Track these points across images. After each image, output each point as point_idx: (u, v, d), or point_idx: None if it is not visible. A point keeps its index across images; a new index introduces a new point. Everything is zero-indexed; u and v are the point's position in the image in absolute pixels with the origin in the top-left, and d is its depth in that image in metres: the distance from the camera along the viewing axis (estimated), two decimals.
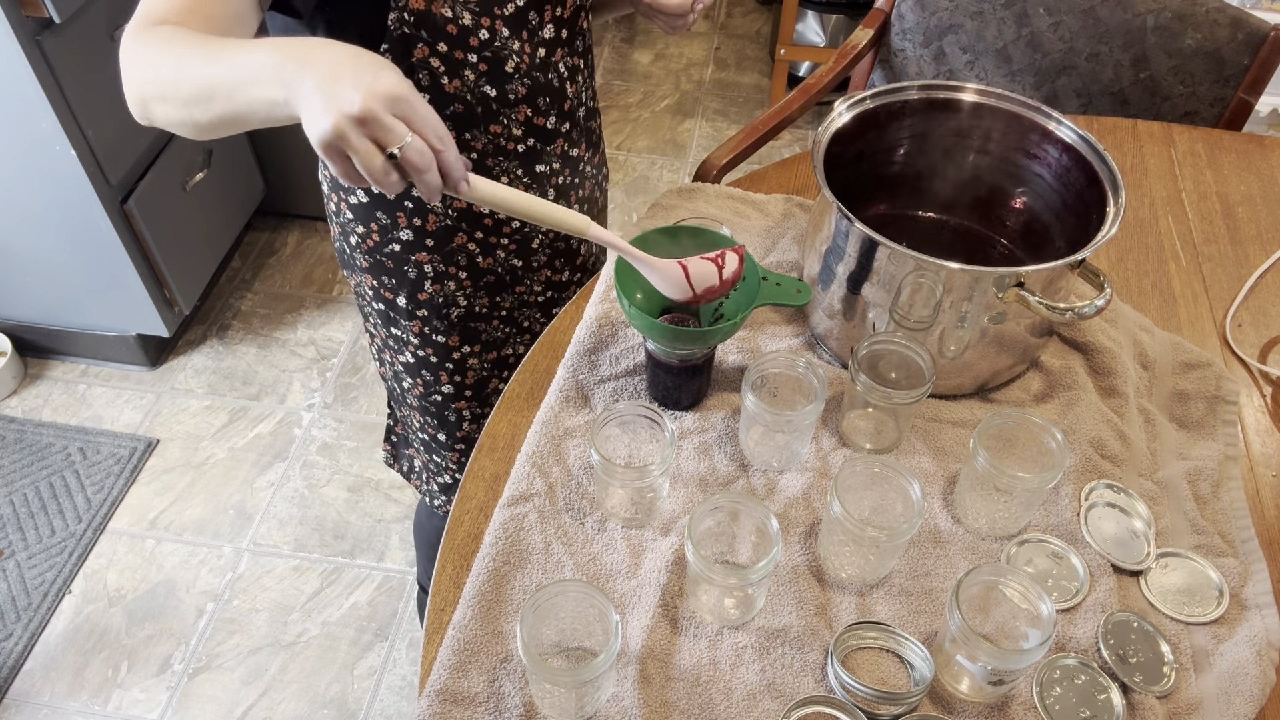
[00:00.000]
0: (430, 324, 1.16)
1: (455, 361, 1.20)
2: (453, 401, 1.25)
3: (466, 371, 1.22)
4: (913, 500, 0.80)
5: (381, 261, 1.10)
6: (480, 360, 1.22)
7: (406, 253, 1.08)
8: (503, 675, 0.78)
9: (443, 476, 1.38)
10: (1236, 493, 0.92)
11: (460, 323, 1.16)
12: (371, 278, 1.13)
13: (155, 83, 0.76)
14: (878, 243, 0.89)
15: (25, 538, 1.89)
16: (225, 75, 0.72)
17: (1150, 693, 0.77)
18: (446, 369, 1.21)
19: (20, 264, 2.00)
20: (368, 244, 1.09)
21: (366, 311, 1.21)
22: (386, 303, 1.15)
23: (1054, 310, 0.86)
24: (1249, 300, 1.14)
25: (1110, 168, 0.94)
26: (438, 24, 0.89)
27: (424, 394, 1.25)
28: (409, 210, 1.04)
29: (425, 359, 1.20)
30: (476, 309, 1.16)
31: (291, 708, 1.69)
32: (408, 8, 0.87)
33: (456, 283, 1.12)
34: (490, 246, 1.10)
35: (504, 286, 1.15)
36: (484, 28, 0.91)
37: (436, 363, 1.20)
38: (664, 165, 2.79)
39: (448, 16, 0.89)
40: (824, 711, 0.75)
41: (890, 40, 1.72)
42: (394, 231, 1.06)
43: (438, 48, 0.90)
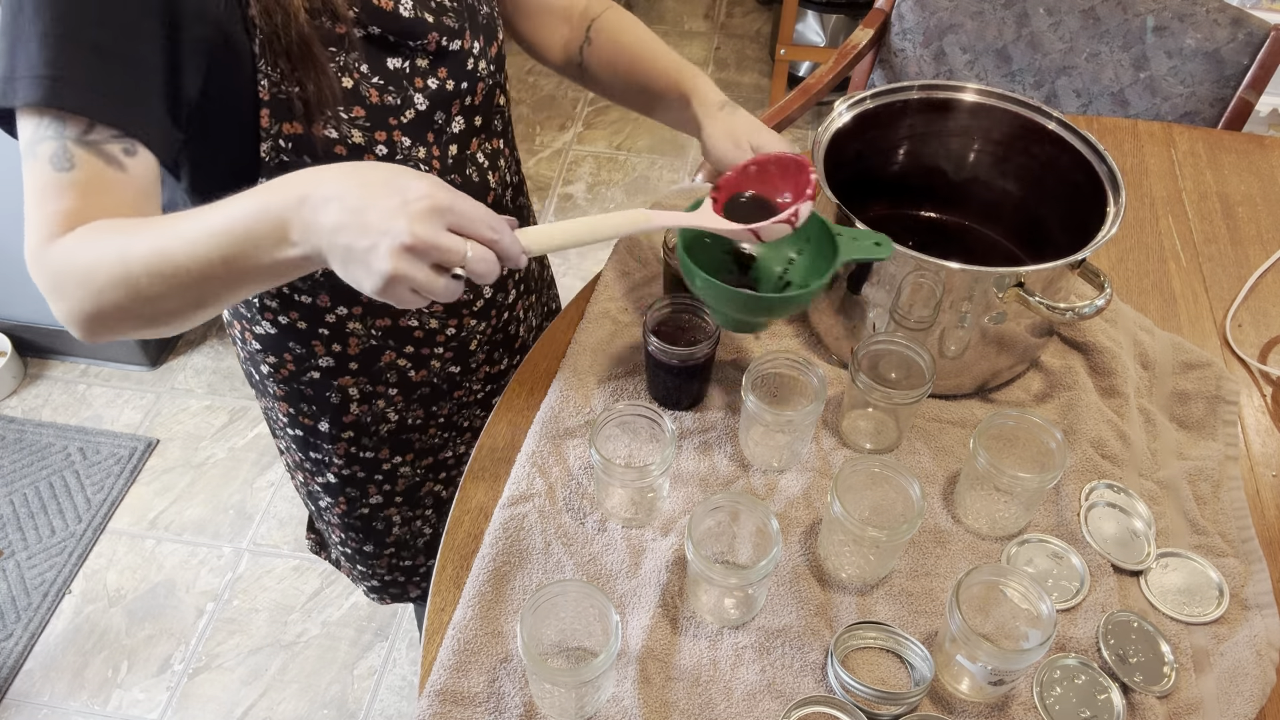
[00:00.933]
0: (358, 443, 1.05)
1: (385, 473, 1.10)
2: (381, 510, 1.14)
3: (397, 480, 1.12)
4: (913, 500, 0.80)
5: (299, 389, 0.99)
6: (413, 468, 1.12)
7: (328, 379, 0.97)
8: (503, 675, 0.78)
9: (371, 581, 1.27)
10: (1237, 493, 0.92)
11: (391, 436, 1.06)
12: (287, 405, 1.01)
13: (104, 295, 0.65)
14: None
15: (25, 538, 1.89)
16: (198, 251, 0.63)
17: (1150, 693, 0.77)
18: (375, 481, 1.10)
19: (20, 264, 1.99)
20: (282, 373, 0.97)
21: (278, 433, 1.09)
22: (305, 429, 1.03)
23: (1054, 310, 0.86)
24: (1249, 300, 1.14)
25: (1110, 168, 0.94)
26: (323, 146, 0.77)
27: (347, 511, 1.13)
28: (325, 337, 0.93)
29: (351, 476, 1.09)
30: (410, 421, 1.06)
31: (291, 708, 1.69)
32: (282, 134, 0.76)
33: (386, 400, 1.01)
34: (423, 359, 0.99)
35: (440, 395, 1.05)
36: (380, 143, 0.80)
37: (364, 478, 1.09)
38: (664, 165, 2.78)
39: (333, 138, 0.77)
40: (824, 711, 0.75)
41: (890, 40, 1.72)
42: (311, 360, 0.95)
43: None
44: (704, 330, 0.94)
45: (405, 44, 0.79)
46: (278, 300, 0.90)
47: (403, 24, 0.78)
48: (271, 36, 0.71)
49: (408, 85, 0.80)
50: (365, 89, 0.78)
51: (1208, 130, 1.40)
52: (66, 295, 0.66)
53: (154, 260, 0.64)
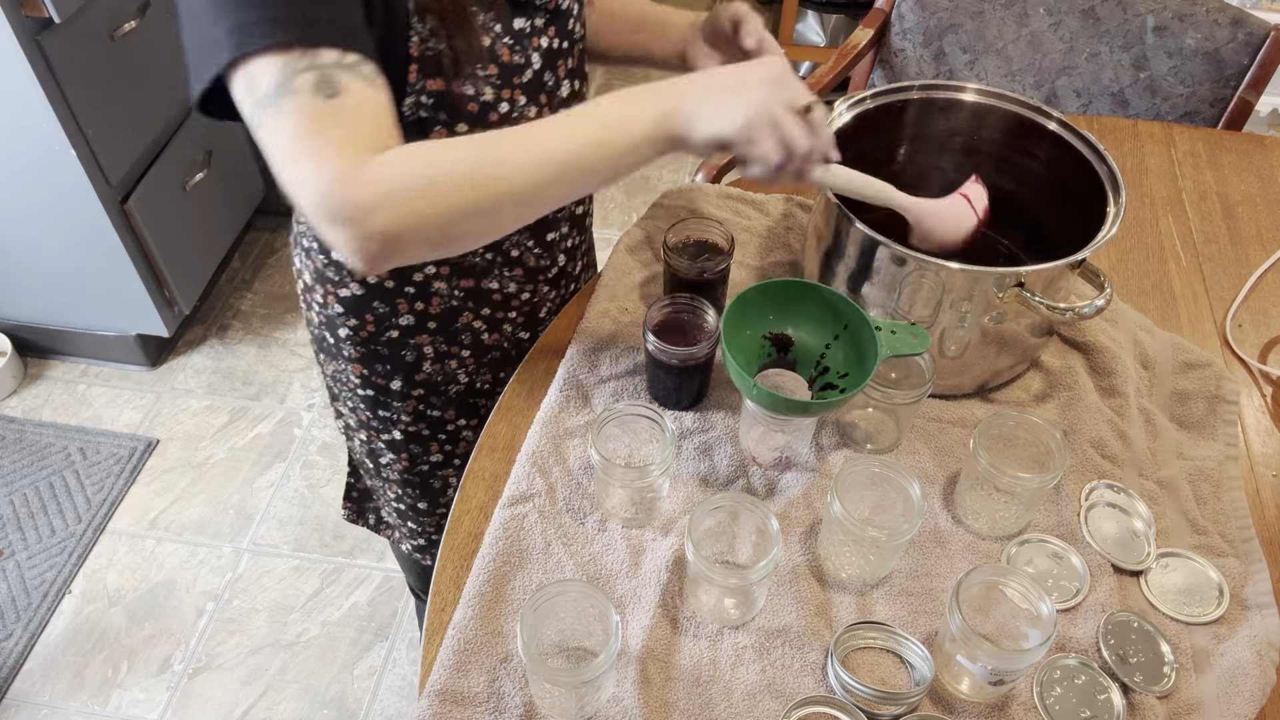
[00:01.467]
0: (426, 401, 1.09)
1: (449, 433, 1.14)
2: (440, 469, 1.18)
3: (459, 442, 1.16)
4: (913, 500, 0.80)
5: (375, 350, 1.03)
6: (475, 433, 1.15)
7: (405, 337, 1.01)
8: (503, 675, 0.78)
9: (418, 540, 1.30)
10: (1236, 493, 0.92)
11: (459, 398, 1.10)
12: (361, 366, 1.05)
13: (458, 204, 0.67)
14: (878, 242, 0.89)
15: (25, 538, 1.89)
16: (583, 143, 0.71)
17: (1150, 693, 0.77)
18: (438, 440, 1.14)
19: (20, 264, 2.00)
20: (361, 335, 1.01)
21: (344, 396, 1.12)
22: (377, 388, 1.07)
23: (1054, 310, 0.86)
24: (1249, 300, 1.14)
25: (1110, 168, 0.94)
26: (459, 103, 0.82)
27: (409, 467, 1.17)
28: (410, 295, 0.98)
29: (416, 433, 1.13)
30: (478, 385, 1.10)
31: (291, 708, 1.69)
32: (425, 90, 0.80)
33: (458, 361, 1.06)
34: (497, 322, 1.05)
35: (509, 361, 1.10)
36: (504, 100, 0.85)
37: (428, 435, 1.13)
38: (664, 165, 2.78)
39: (469, 95, 0.82)
40: (824, 711, 0.75)
41: (890, 40, 1.72)
42: (393, 319, 0.99)
43: (457, 128, 0.83)
44: (704, 330, 0.94)
45: (532, 2, 0.82)
46: None
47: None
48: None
49: (527, 45, 0.84)
50: (499, 47, 0.82)
51: (1208, 130, 1.40)
52: (389, 210, 0.65)
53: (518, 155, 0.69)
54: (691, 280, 0.98)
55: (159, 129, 1.98)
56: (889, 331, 0.85)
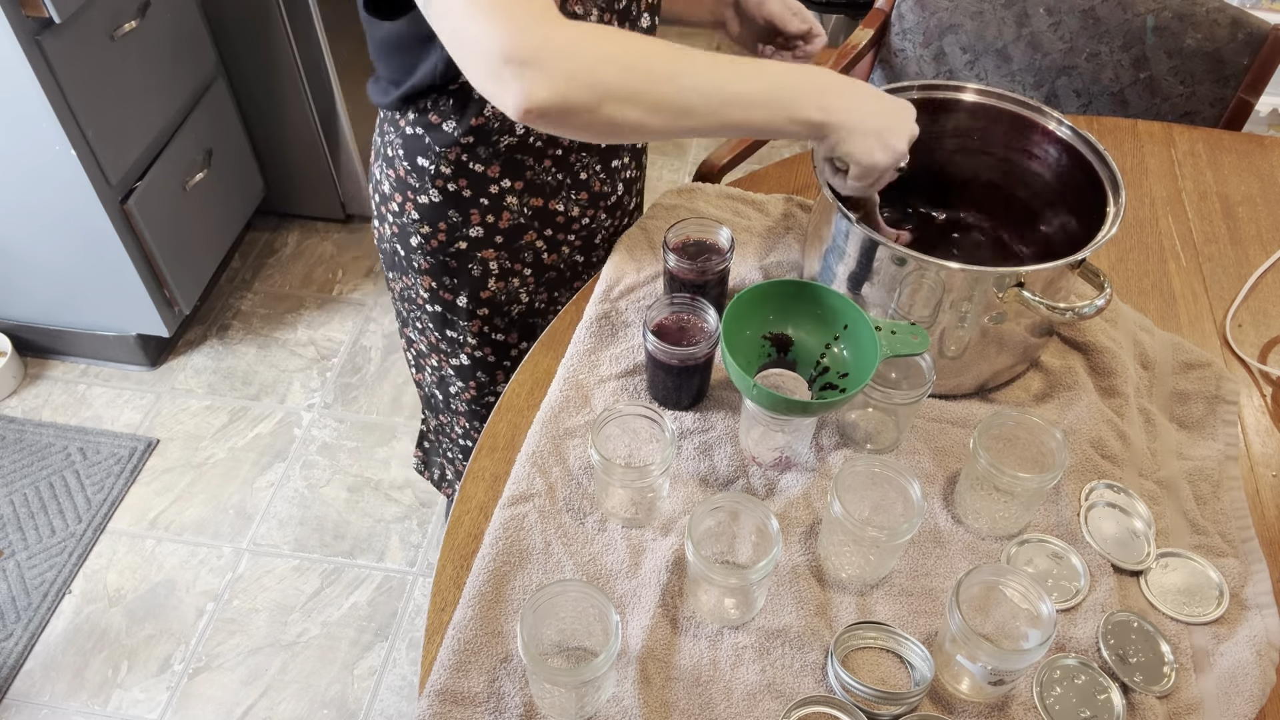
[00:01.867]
0: (490, 322, 1.16)
1: (513, 359, 1.21)
2: None
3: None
4: (913, 500, 0.80)
5: (445, 261, 1.09)
6: None
7: (473, 250, 1.08)
8: (503, 675, 0.78)
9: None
10: (1236, 493, 0.92)
11: (520, 319, 1.17)
12: (430, 279, 1.12)
13: (630, 85, 0.73)
14: (878, 243, 0.89)
15: (25, 538, 1.89)
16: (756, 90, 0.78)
17: (1150, 693, 0.77)
18: (504, 367, 1.21)
19: (20, 264, 2.00)
20: (432, 244, 1.08)
21: (414, 316, 1.19)
22: (445, 304, 1.14)
23: (1054, 310, 0.86)
24: (1249, 300, 1.14)
25: (1110, 168, 0.94)
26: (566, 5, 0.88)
27: (476, 397, 1.24)
28: (483, 207, 1.04)
29: (482, 359, 1.20)
30: (536, 305, 1.17)
31: (291, 708, 1.69)
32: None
33: (520, 279, 1.12)
34: (557, 243, 1.11)
35: (564, 282, 1.17)
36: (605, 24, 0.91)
37: (494, 362, 1.20)
38: (664, 165, 2.79)
39: (578, 13, 0.88)
40: (824, 711, 0.75)
41: (890, 40, 1.72)
42: (464, 229, 1.06)
43: None
44: (704, 330, 0.94)
45: None
46: (453, 167, 1.00)
47: None
48: None
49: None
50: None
51: (1208, 130, 1.40)
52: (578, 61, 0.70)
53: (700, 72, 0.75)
54: (691, 280, 0.98)
55: (159, 129, 1.98)
56: (889, 331, 0.85)
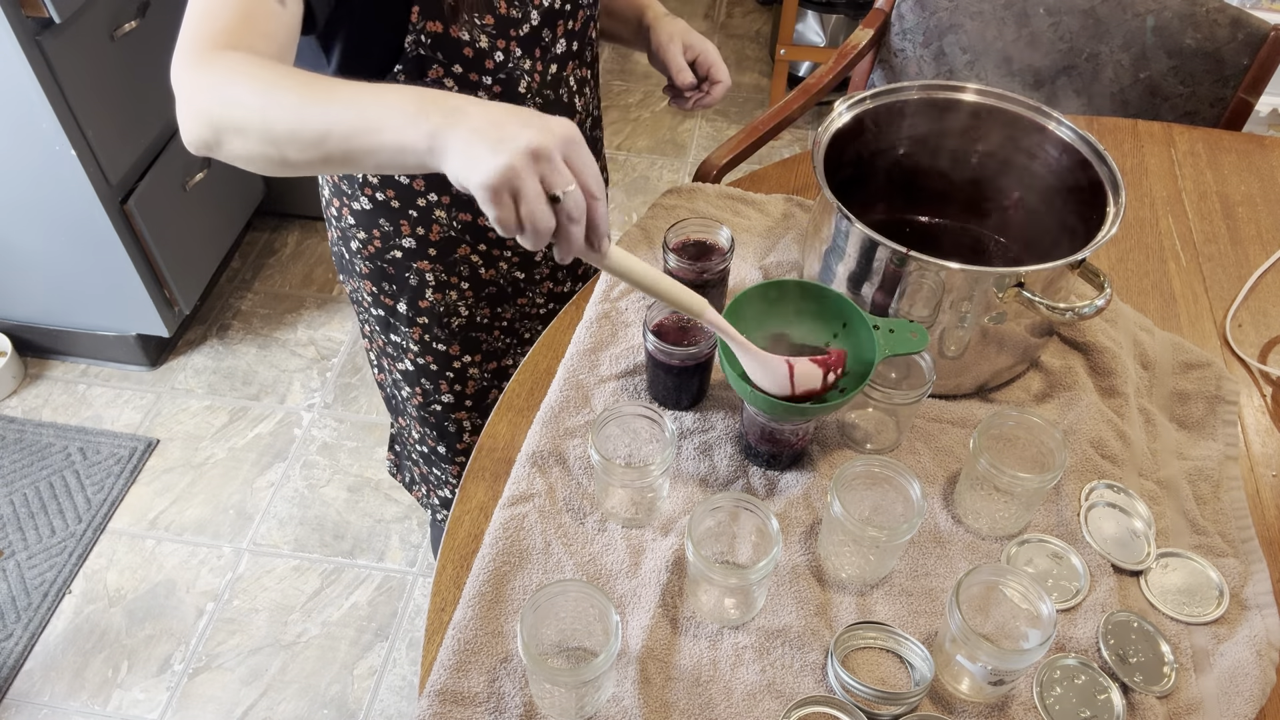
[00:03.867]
0: (431, 331, 1.15)
1: (456, 371, 1.20)
2: (453, 411, 1.24)
3: (467, 381, 1.21)
4: (913, 500, 0.80)
5: (382, 268, 1.09)
6: (480, 370, 1.21)
7: (408, 260, 1.07)
8: (503, 675, 0.78)
9: (443, 490, 1.37)
10: (1236, 493, 0.92)
11: (461, 332, 1.16)
12: (371, 284, 1.12)
13: (236, 117, 0.71)
14: (878, 243, 0.89)
15: (25, 538, 1.89)
16: (344, 117, 0.69)
17: (1150, 693, 0.77)
18: (446, 378, 1.20)
19: (20, 264, 2.00)
20: (368, 250, 1.08)
21: (364, 318, 1.20)
22: (386, 309, 1.14)
23: (1054, 310, 0.86)
24: (1249, 300, 1.14)
25: (1110, 168, 0.94)
26: (455, 47, 0.88)
27: (423, 403, 1.24)
28: (413, 219, 1.04)
29: (425, 367, 1.19)
30: (478, 319, 1.15)
31: (291, 708, 1.69)
32: (425, 30, 0.86)
33: (458, 292, 1.12)
34: (493, 259, 1.10)
35: (506, 298, 1.15)
36: (499, 49, 0.91)
37: (436, 371, 1.19)
38: (664, 165, 2.79)
39: (465, 39, 0.88)
40: (824, 711, 0.75)
41: (890, 40, 1.72)
42: (396, 239, 1.06)
43: (453, 69, 0.90)
44: (704, 330, 0.94)
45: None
46: (379, 177, 1.01)
47: None
48: None
49: (528, 1, 0.91)
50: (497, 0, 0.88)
51: (1208, 130, 1.40)
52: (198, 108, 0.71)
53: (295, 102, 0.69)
54: (691, 280, 0.98)
55: (159, 129, 1.98)
56: (887, 330, 0.85)
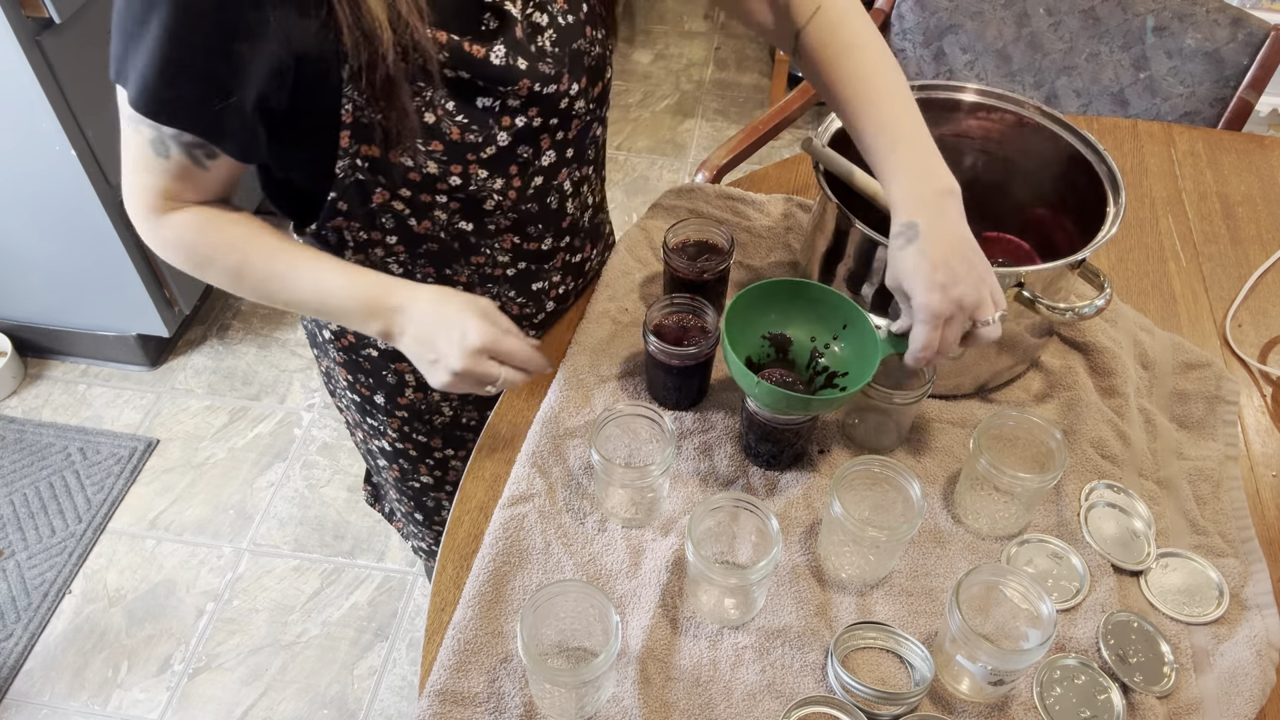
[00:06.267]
0: (411, 424, 1.08)
1: (437, 460, 1.13)
2: (431, 491, 1.17)
3: (449, 469, 1.14)
4: (913, 500, 0.80)
5: (358, 362, 1.02)
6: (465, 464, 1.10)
7: (385, 360, 1.01)
8: (503, 675, 0.78)
9: (419, 541, 1.31)
10: (1236, 493, 0.92)
11: (445, 429, 1.09)
12: (347, 372, 1.05)
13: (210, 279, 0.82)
14: (878, 243, 0.89)
15: (25, 538, 1.89)
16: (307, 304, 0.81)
17: (1150, 693, 0.77)
18: (426, 464, 1.14)
19: (20, 264, 2.00)
20: (343, 342, 1.01)
21: (339, 392, 1.12)
22: (363, 397, 1.07)
23: (1054, 310, 0.86)
24: (1249, 300, 1.14)
25: (1110, 168, 0.94)
26: (398, 171, 0.81)
27: (400, 479, 1.17)
28: None
29: (403, 451, 1.12)
30: (464, 420, 1.09)
31: (291, 708, 1.69)
32: (360, 154, 0.79)
33: (442, 395, 1.05)
34: None
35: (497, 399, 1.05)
36: (455, 174, 0.82)
37: (416, 457, 1.13)
38: (664, 165, 2.79)
39: (408, 165, 0.80)
40: (824, 711, 0.75)
41: (890, 40, 1.72)
42: (370, 339, 0.99)
43: (400, 193, 0.83)
44: (704, 330, 0.94)
45: (495, 88, 0.79)
46: None
47: (492, 71, 0.78)
48: (358, 69, 0.72)
49: (494, 124, 0.81)
50: (447, 126, 0.79)
51: (1208, 130, 1.40)
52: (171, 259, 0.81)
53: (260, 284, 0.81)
54: (691, 280, 0.98)
55: None
56: (888, 330, 0.85)
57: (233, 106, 0.72)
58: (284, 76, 0.72)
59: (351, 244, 0.89)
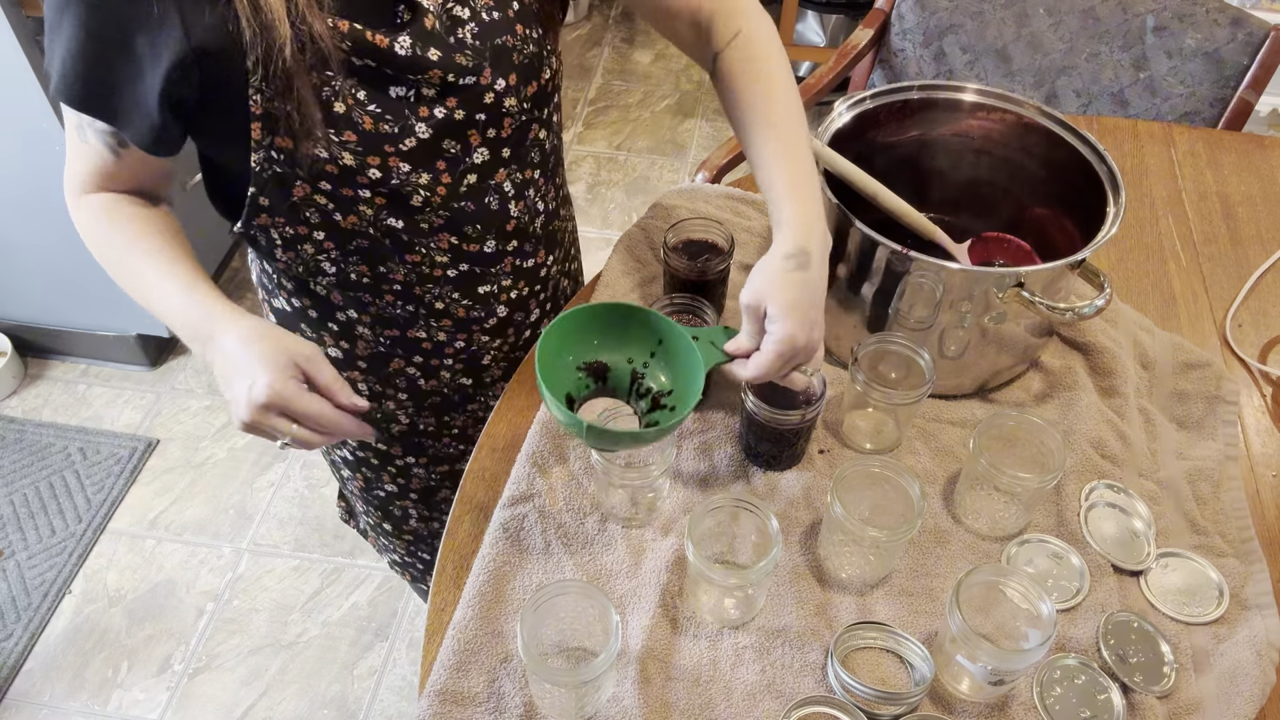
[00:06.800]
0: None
1: (398, 468, 1.11)
2: (397, 499, 1.16)
3: (411, 478, 1.13)
4: (913, 500, 0.80)
5: None
6: (428, 471, 1.13)
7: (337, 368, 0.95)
8: (503, 675, 0.78)
9: (393, 555, 1.30)
10: (1236, 493, 0.92)
11: (403, 437, 1.07)
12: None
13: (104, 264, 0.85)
14: (878, 243, 0.89)
15: (25, 538, 1.89)
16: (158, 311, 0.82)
17: (1150, 693, 0.77)
18: (389, 472, 1.12)
19: (20, 264, 2.00)
20: None
21: None
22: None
23: (1054, 310, 0.86)
24: (1249, 300, 1.14)
25: (1110, 168, 0.94)
26: (314, 163, 0.79)
27: (365, 489, 1.16)
28: (334, 332, 0.96)
29: (365, 459, 1.11)
30: (422, 426, 1.07)
31: (291, 708, 1.69)
32: (275, 146, 0.78)
33: (396, 403, 1.03)
34: (433, 369, 1.01)
35: (453, 406, 1.06)
36: (373, 167, 0.81)
37: (377, 465, 1.11)
38: (664, 165, 2.79)
39: (323, 158, 0.79)
40: (824, 711, 0.75)
41: (890, 40, 1.72)
42: (321, 346, 0.97)
43: (320, 186, 0.81)
44: None
45: (406, 76, 0.79)
46: (294, 283, 0.94)
47: (399, 61, 0.77)
48: (258, 61, 0.73)
49: (410, 114, 0.80)
50: (359, 115, 0.78)
51: (1208, 130, 1.40)
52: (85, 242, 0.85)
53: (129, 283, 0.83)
54: (691, 280, 0.98)
55: None
56: (707, 342, 0.83)
57: (139, 97, 0.74)
58: (187, 69, 0.73)
59: (280, 242, 0.88)
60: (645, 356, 0.86)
